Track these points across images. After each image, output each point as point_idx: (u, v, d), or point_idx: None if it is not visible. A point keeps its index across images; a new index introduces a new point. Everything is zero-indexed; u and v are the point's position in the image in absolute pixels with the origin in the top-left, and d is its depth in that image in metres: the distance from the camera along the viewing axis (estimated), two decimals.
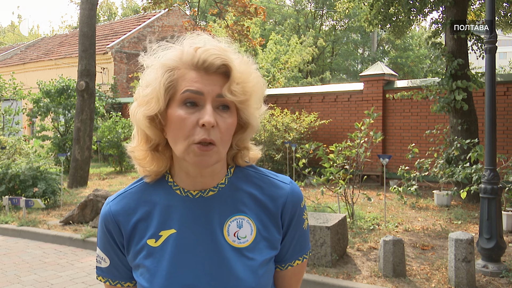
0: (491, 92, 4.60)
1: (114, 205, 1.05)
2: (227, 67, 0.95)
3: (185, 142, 0.94)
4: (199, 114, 0.94)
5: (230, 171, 1.07)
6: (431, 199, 8.22)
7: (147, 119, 0.97)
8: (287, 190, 1.06)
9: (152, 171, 1.04)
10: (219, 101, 0.95)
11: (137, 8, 34.87)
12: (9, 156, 9.54)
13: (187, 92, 0.94)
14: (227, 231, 1.01)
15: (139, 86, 1.01)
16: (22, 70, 21.53)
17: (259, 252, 1.01)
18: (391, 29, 9.66)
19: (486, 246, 4.47)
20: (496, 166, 4.65)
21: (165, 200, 1.03)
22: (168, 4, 11.69)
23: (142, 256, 1.00)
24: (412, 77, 25.38)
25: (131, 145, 1.05)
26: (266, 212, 1.04)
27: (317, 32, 27.74)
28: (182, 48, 0.98)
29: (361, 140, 6.38)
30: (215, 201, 1.02)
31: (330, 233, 4.64)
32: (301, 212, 1.08)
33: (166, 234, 1.00)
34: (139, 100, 0.99)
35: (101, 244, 1.06)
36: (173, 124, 0.95)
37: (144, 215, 1.03)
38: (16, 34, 40.79)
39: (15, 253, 6.00)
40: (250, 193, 1.05)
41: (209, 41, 0.99)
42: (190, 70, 0.95)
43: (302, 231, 1.09)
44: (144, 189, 1.06)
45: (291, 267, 1.10)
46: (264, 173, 1.09)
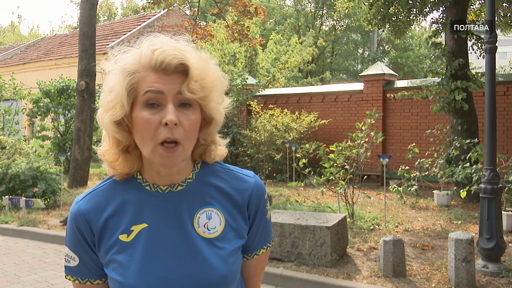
0: (491, 92, 4.60)
1: (84, 204, 1.06)
2: (185, 66, 0.98)
3: (151, 143, 0.97)
4: (161, 113, 0.96)
5: (197, 167, 1.11)
6: (431, 199, 8.22)
7: (114, 124, 0.99)
8: (252, 183, 1.12)
9: (124, 172, 1.07)
10: (180, 99, 0.98)
11: (137, 8, 34.86)
12: (9, 156, 9.53)
13: (148, 93, 0.96)
14: (197, 222, 1.05)
15: (103, 92, 1.03)
16: (22, 70, 21.53)
17: (228, 241, 1.05)
18: (391, 29, 9.66)
19: (486, 246, 4.47)
20: (496, 166, 4.65)
21: (135, 196, 1.06)
22: (168, 4, 11.69)
23: (114, 252, 1.02)
24: (412, 77, 25.38)
25: (101, 148, 1.07)
26: (233, 204, 1.09)
27: (317, 32, 27.74)
28: (141, 51, 1.00)
29: (362, 140, 6.38)
30: (184, 195, 1.06)
31: (330, 233, 4.64)
32: (264, 203, 1.14)
33: (138, 229, 1.03)
34: (104, 106, 1.01)
35: (70, 243, 1.07)
36: (138, 126, 0.98)
37: (115, 211, 1.05)
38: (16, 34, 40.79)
39: (15, 253, 6.00)
40: (217, 186, 1.10)
41: (166, 42, 1.01)
42: (149, 72, 0.98)
43: (266, 221, 1.16)
44: (114, 186, 1.08)
45: (256, 256, 1.16)
46: (229, 168, 1.15)
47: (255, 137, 11.04)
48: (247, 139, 11.36)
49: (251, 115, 12.44)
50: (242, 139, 11.69)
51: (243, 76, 12.54)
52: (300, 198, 7.13)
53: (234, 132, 11.81)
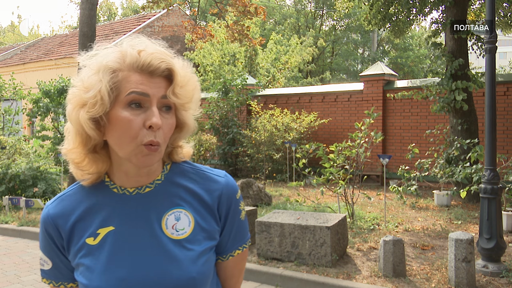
0: (491, 92, 4.60)
1: (53, 209, 1.07)
2: (171, 71, 0.99)
3: (132, 144, 0.96)
4: (145, 115, 0.96)
5: (166, 168, 1.11)
6: (431, 199, 8.22)
7: (92, 121, 0.98)
8: (222, 183, 1.11)
9: (92, 173, 1.05)
10: (163, 103, 0.99)
11: (137, 8, 34.85)
12: (9, 156, 9.53)
13: (132, 94, 0.96)
14: (165, 224, 1.04)
15: (74, 87, 1.00)
16: (22, 70, 21.53)
17: (198, 243, 1.04)
18: (390, 29, 9.66)
19: (486, 246, 4.47)
20: (496, 166, 4.65)
21: (102, 199, 1.06)
22: (168, 4, 11.68)
23: (81, 255, 1.03)
24: (412, 77, 25.38)
25: (65, 147, 1.05)
26: (203, 205, 1.08)
27: (317, 32, 27.74)
28: (123, 50, 1.00)
29: (361, 140, 6.38)
30: (152, 197, 1.06)
31: (330, 233, 4.64)
32: (237, 203, 1.13)
33: (104, 232, 1.03)
34: (79, 102, 0.98)
35: (43, 247, 1.08)
36: (118, 126, 0.97)
37: (82, 215, 1.05)
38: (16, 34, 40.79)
39: (15, 253, 6.00)
40: (186, 187, 1.09)
41: (150, 45, 1.01)
42: (134, 73, 0.97)
43: (240, 222, 1.14)
44: (81, 190, 1.08)
45: (232, 257, 1.15)
46: (199, 168, 1.14)
47: (255, 137, 11.04)
48: (247, 139, 11.36)
49: (251, 115, 12.44)
50: (242, 139, 11.69)
51: (243, 76, 12.54)
52: (300, 198, 7.13)
53: (234, 132, 11.81)
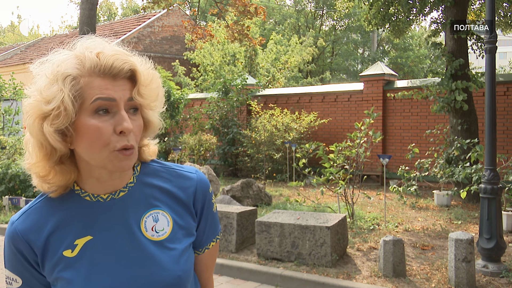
0: (491, 92, 4.60)
1: (20, 224, 1.00)
2: (134, 72, 0.96)
3: (105, 151, 0.93)
4: (113, 121, 0.94)
5: (137, 169, 1.08)
6: (431, 199, 8.22)
7: (57, 133, 0.93)
8: (195, 179, 1.11)
9: (60, 185, 1.01)
10: (129, 105, 0.96)
11: (137, 8, 34.85)
12: (9, 156, 9.53)
13: (98, 100, 0.92)
14: (144, 227, 1.02)
15: (30, 97, 0.94)
16: (22, 70, 21.52)
17: (179, 241, 1.04)
18: (390, 29, 9.66)
19: (486, 246, 4.47)
20: (496, 166, 4.65)
21: (75, 209, 1.01)
22: (168, 4, 11.68)
23: (59, 269, 0.97)
24: (412, 77, 25.37)
25: (28, 162, 0.99)
26: (178, 203, 1.07)
27: (317, 32, 27.74)
28: (79, 54, 0.95)
29: (361, 140, 6.38)
30: (127, 201, 1.03)
31: (330, 233, 4.64)
32: (210, 197, 1.14)
33: (82, 242, 0.99)
34: (40, 114, 0.92)
35: (10, 265, 1.01)
36: (86, 135, 0.93)
37: (55, 227, 1.00)
38: (16, 34, 40.79)
39: None
40: (160, 187, 1.07)
41: (107, 46, 0.97)
42: (95, 77, 0.93)
43: (213, 214, 1.15)
44: (49, 202, 1.03)
45: (207, 250, 1.16)
46: (170, 167, 1.12)
47: (255, 137, 11.04)
48: (247, 139, 11.36)
49: (251, 115, 12.44)
50: (242, 139, 11.69)
51: (243, 76, 12.54)
52: (300, 198, 7.13)
53: (234, 132, 11.82)
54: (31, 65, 0.99)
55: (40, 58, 0.98)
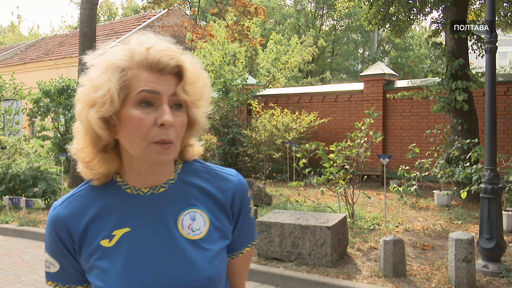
0: (491, 92, 4.60)
1: (62, 210, 1.03)
2: (180, 68, 0.98)
3: (144, 142, 0.95)
4: (156, 113, 0.95)
5: (179, 167, 1.09)
6: (431, 199, 8.22)
7: (102, 121, 0.96)
8: (235, 182, 1.11)
9: (102, 173, 1.03)
10: (173, 100, 0.97)
11: (137, 8, 34.85)
12: (9, 156, 9.53)
13: (143, 92, 0.94)
14: (181, 224, 1.03)
15: (83, 86, 0.99)
16: (22, 70, 21.53)
17: (213, 242, 1.04)
18: (391, 29, 9.66)
19: (486, 246, 4.47)
20: (496, 166, 4.65)
21: (115, 200, 1.03)
22: (168, 4, 11.68)
23: (95, 258, 0.99)
24: (412, 77, 25.37)
25: (75, 147, 1.03)
26: (216, 204, 1.07)
27: (317, 32, 27.73)
28: (131, 48, 0.99)
29: (361, 140, 6.38)
30: (167, 197, 1.04)
31: (330, 233, 4.64)
32: (248, 201, 1.13)
33: (120, 233, 1.00)
34: (89, 101, 0.96)
35: (50, 249, 1.04)
36: (128, 125, 0.95)
37: (95, 216, 1.02)
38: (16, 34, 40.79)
39: (16, 253, 6.00)
40: (200, 186, 1.08)
41: (158, 42, 1.00)
42: (143, 70, 0.96)
43: (250, 219, 1.15)
44: (92, 190, 1.05)
45: (241, 255, 1.15)
46: (211, 167, 1.13)
47: (255, 137, 11.04)
48: (247, 139, 11.36)
49: (251, 115, 12.44)
50: (242, 139, 11.69)
51: (243, 76, 12.54)
52: (300, 198, 7.13)
53: (234, 132, 11.82)
54: (87, 56, 1.01)
55: (96, 50, 1.01)
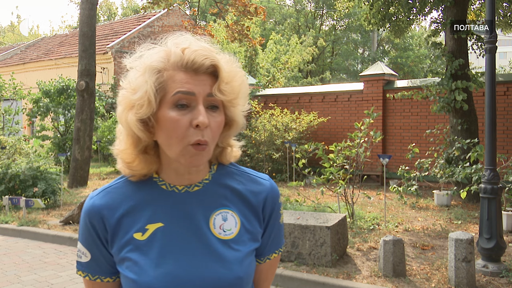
0: (491, 92, 4.60)
1: (99, 200, 1.05)
2: (215, 67, 0.98)
3: (180, 144, 0.96)
4: (191, 115, 0.96)
5: (213, 168, 1.11)
6: (431, 199, 8.22)
7: (140, 122, 0.98)
8: (268, 186, 1.12)
9: (142, 173, 1.05)
10: (209, 101, 0.97)
11: (137, 8, 34.85)
12: (9, 156, 9.53)
13: (178, 94, 0.95)
14: (213, 224, 1.04)
15: (123, 89, 1.01)
16: (22, 70, 21.53)
17: (243, 244, 1.05)
18: (390, 29, 9.66)
19: (486, 246, 4.47)
20: (496, 166, 4.65)
21: (151, 194, 1.05)
22: (168, 4, 11.68)
23: (128, 250, 1.01)
24: (412, 77, 25.37)
25: (117, 148, 1.05)
26: (248, 207, 1.08)
27: (317, 32, 27.73)
28: (167, 49, 0.99)
29: (361, 140, 6.38)
30: (200, 196, 1.06)
31: (330, 233, 4.64)
32: (278, 207, 1.14)
33: (153, 228, 1.02)
34: (128, 104, 0.98)
35: (83, 239, 1.06)
36: (165, 126, 0.96)
37: (129, 209, 1.04)
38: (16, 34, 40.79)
39: (15, 253, 6.00)
40: (233, 188, 1.09)
41: (194, 42, 1.00)
42: (178, 71, 0.96)
43: (279, 225, 1.15)
44: (128, 184, 1.07)
45: (268, 260, 1.15)
46: (244, 170, 1.14)
47: (255, 137, 11.04)
48: (247, 139, 11.37)
49: (251, 115, 12.44)
50: (242, 139, 11.69)
51: None
52: (300, 198, 7.13)
53: None
54: (126, 59, 1.03)
55: (132, 55, 1.03)
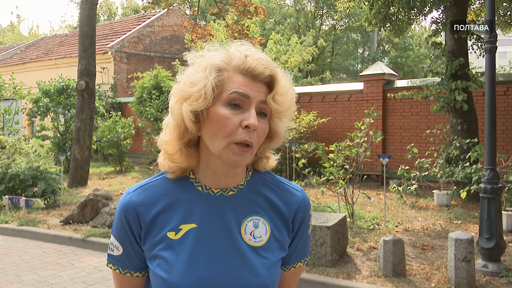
0: (491, 92, 4.60)
1: (135, 196, 1.08)
2: (273, 78, 1.03)
3: (225, 140, 0.99)
4: (242, 116, 1.00)
5: (249, 174, 1.13)
6: (431, 199, 8.22)
7: (193, 114, 1.01)
8: (300, 197, 1.15)
9: (181, 167, 1.08)
10: (260, 107, 1.02)
11: (137, 8, 34.84)
12: (9, 156, 9.53)
13: (235, 94, 1.00)
14: (244, 230, 1.06)
15: (179, 82, 1.05)
16: (22, 70, 21.53)
17: (272, 252, 1.07)
18: (391, 29, 9.66)
19: (486, 245, 4.47)
20: (496, 165, 4.65)
21: (186, 195, 1.08)
22: (168, 4, 11.68)
23: (160, 248, 1.04)
24: (412, 77, 25.37)
25: (163, 138, 1.08)
26: (279, 216, 1.11)
27: (317, 31, 27.72)
28: (231, 53, 1.04)
29: (361, 140, 6.38)
30: (234, 201, 1.08)
31: (330, 233, 4.64)
32: (308, 218, 1.16)
33: (186, 228, 1.04)
34: (183, 95, 1.02)
35: (117, 232, 1.09)
36: (215, 121, 1.00)
37: (165, 208, 1.06)
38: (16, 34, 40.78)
39: (15, 253, 6.00)
40: (266, 196, 1.12)
41: (256, 52, 1.05)
42: (238, 74, 1.01)
43: (307, 236, 1.18)
44: (165, 183, 1.10)
45: (293, 269, 1.17)
46: (278, 180, 1.17)
47: None
48: None
49: None
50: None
51: None
52: None
53: None
54: (188, 54, 1.08)
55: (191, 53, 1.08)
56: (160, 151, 1.11)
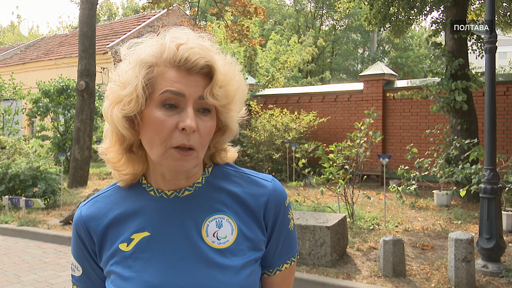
0: (491, 92, 4.60)
1: (85, 210, 0.99)
2: (210, 68, 0.90)
3: (162, 146, 0.88)
4: (178, 117, 0.88)
5: (208, 170, 1.01)
6: (431, 199, 8.22)
7: (125, 119, 0.90)
8: (269, 188, 1.00)
9: (128, 174, 0.98)
10: (200, 104, 0.90)
11: (137, 8, 34.85)
12: (9, 156, 9.53)
13: (167, 93, 0.87)
14: (206, 231, 0.94)
15: (112, 82, 0.93)
16: (21, 70, 21.53)
17: (242, 253, 0.94)
18: (390, 29, 9.67)
19: (486, 246, 4.47)
20: (496, 166, 4.65)
21: (138, 202, 0.97)
22: (168, 4, 11.68)
23: (113, 262, 0.94)
24: (412, 77, 25.37)
25: (103, 146, 0.98)
26: (247, 211, 0.97)
27: (317, 32, 27.73)
28: (164, 43, 0.91)
29: (361, 140, 6.38)
30: (191, 201, 0.96)
31: (330, 233, 4.64)
32: (285, 211, 1.01)
33: (139, 237, 0.94)
34: (116, 98, 0.91)
35: (74, 251, 1.01)
36: (149, 126, 0.89)
37: (116, 219, 0.97)
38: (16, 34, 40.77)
39: (15, 253, 6.00)
40: (229, 191, 0.99)
41: (192, 38, 0.92)
42: (170, 69, 0.89)
43: (288, 232, 1.02)
44: (117, 192, 1.01)
45: (279, 272, 1.03)
46: (243, 171, 1.03)
47: (255, 137, 11.04)
48: (247, 139, 11.36)
49: (250, 115, 12.44)
50: (242, 139, 11.69)
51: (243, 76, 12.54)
52: (300, 198, 7.12)
53: None
54: (122, 46, 0.95)
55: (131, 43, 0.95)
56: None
